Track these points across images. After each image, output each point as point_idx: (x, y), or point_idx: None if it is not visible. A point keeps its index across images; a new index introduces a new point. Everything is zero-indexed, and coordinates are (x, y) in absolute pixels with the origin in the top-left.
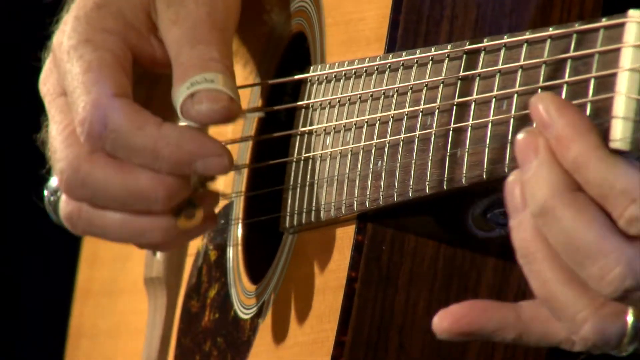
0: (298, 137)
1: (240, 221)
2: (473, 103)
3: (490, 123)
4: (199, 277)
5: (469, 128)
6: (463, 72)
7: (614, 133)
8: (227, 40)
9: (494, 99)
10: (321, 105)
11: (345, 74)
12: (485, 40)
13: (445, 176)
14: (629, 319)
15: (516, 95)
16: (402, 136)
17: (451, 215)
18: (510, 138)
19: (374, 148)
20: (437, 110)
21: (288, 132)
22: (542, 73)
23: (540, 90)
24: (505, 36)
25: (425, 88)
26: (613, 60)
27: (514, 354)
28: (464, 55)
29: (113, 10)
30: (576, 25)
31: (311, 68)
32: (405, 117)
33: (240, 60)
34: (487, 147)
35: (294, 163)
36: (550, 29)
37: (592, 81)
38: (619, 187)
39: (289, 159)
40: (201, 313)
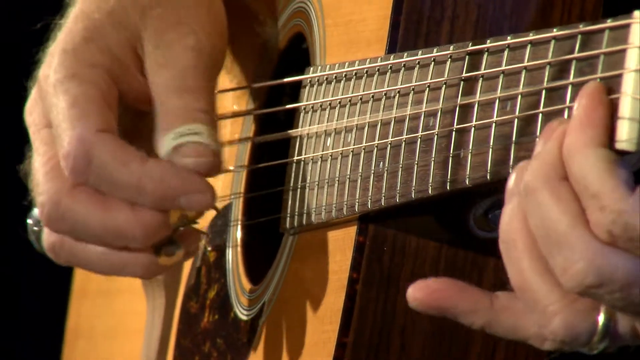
0: (298, 138)
1: (239, 222)
2: (476, 104)
3: (494, 124)
4: (198, 278)
5: (473, 129)
6: (466, 73)
7: (620, 134)
8: (212, 88)
9: (498, 100)
10: (321, 106)
11: (345, 75)
12: (488, 41)
13: (448, 177)
14: (600, 318)
15: (520, 96)
16: (404, 137)
17: (453, 215)
18: (514, 139)
19: (376, 149)
20: (440, 111)
21: (287, 134)
22: (547, 74)
23: (544, 91)
24: (508, 37)
25: (427, 89)
26: (618, 61)
27: (515, 355)
28: (467, 56)
29: (100, 44)
30: (581, 26)
31: (311, 69)
32: (407, 118)
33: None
34: (491, 148)
35: (294, 164)
36: (554, 30)
37: None
38: (592, 191)
39: (289, 160)
40: (200, 314)
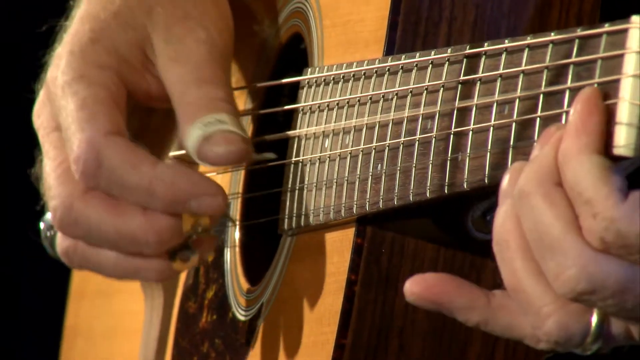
0: (296, 139)
1: (237, 223)
2: (474, 107)
3: (491, 127)
4: (196, 278)
5: (470, 132)
6: (464, 76)
7: (618, 139)
8: (229, 79)
9: (496, 104)
10: (320, 107)
11: (344, 77)
12: (485, 44)
13: (446, 180)
14: (593, 320)
15: (518, 100)
16: (402, 139)
17: (451, 217)
18: (512, 143)
19: (374, 151)
20: (438, 114)
21: (286, 135)
22: (544, 78)
23: (542, 95)
24: (506, 40)
25: (425, 92)
26: (616, 66)
27: (514, 355)
28: (465, 59)
29: (108, 45)
30: (578, 30)
31: (309, 70)
32: (405, 121)
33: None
34: (489, 152)
35: (292, 165)
36: (552, 34)
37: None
38: (585, 197)
39: (287, 161)
40: (199, 314)
